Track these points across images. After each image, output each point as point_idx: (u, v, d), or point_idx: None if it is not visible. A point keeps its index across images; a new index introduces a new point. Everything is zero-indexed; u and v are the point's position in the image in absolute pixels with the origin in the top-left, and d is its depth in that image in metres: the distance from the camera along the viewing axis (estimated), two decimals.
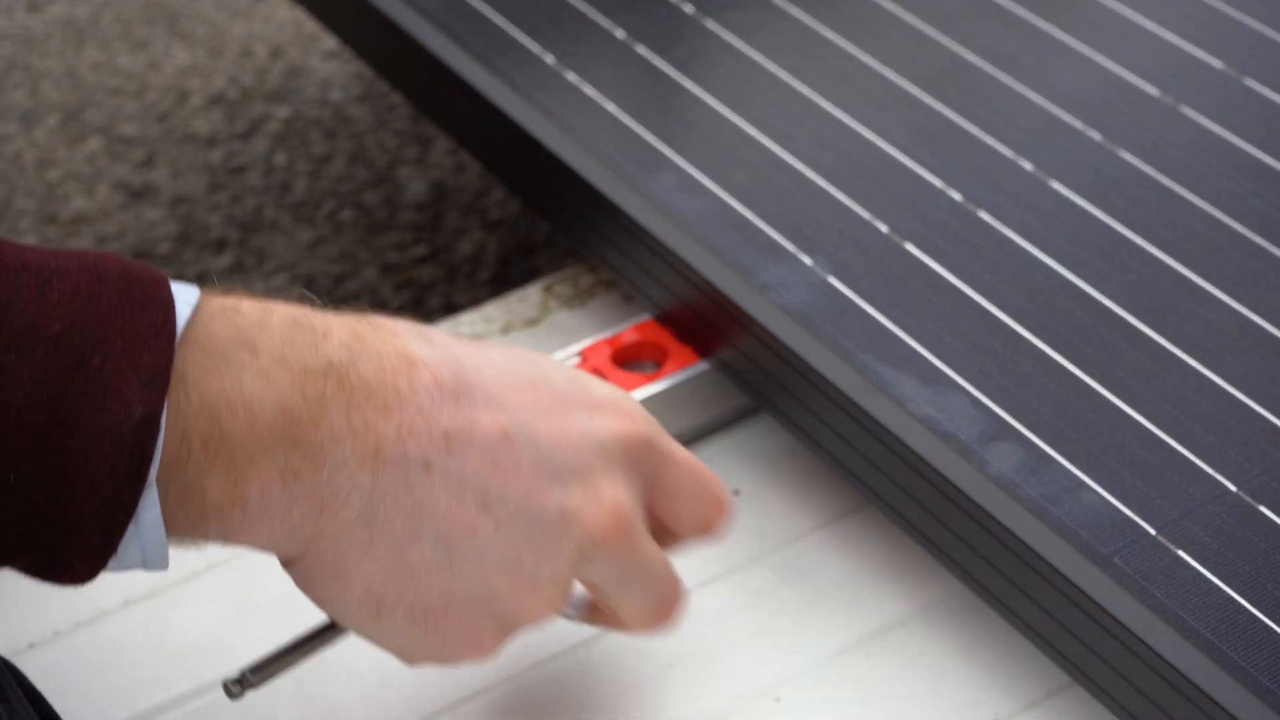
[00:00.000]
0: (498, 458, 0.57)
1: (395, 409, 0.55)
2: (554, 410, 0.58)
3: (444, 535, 0.56)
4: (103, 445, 0.49)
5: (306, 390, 0.53)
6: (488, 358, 0.58)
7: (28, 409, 0.48)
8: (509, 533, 0.57)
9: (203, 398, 0.52)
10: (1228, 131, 0.86)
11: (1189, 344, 0.74)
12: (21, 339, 0.49)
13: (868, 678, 0.71)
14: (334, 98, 1.50)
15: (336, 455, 0.54)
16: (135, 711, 0.70)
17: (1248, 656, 0.62)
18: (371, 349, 0.55)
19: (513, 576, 0.58)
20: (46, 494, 0.49)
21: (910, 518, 0.71)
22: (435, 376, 0.56)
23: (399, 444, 0.55)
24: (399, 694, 0.71)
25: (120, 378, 0.50)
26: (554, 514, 0.58)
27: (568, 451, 0.58)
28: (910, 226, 0.80)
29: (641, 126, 0.86)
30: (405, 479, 0.55)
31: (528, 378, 0.59)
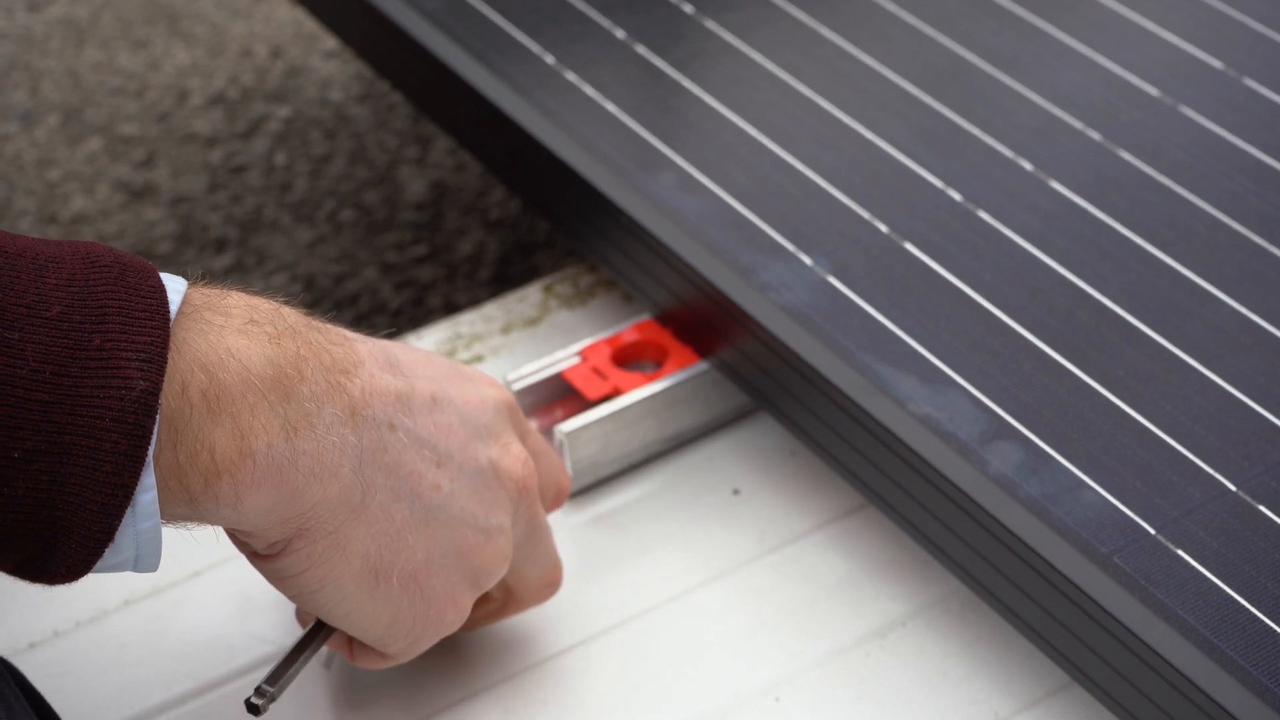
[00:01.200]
0: (436, 418, 0.62)
1: (354, 373, 0.59)
2: (455, 379, 0.64)
3: (417, 493, 0.60)
4: (104, 422, 0.50)
5: (283, 346, 0.56)
6: (407, 349, 0.64)
7: (32, 386, 0.49)
8: (461, 487, 0.62)
9: (193, 353, 0.53)
10: (1228, 131, 0.86)
11: (1189, 344, 0.74)
12: (24, 319, 0.50)
13: (868, 677, 0.71)
14: (334, 98, 1.50)
15: (324, 414, 0.56)
16: (135, 711, 0.70)
17: (1247, 656, 0.62)
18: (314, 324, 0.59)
19: (473, 530, 0.62)
20: (49, 473, 0.50)
21: (910, 518, 0.71)
22: (370, 351, 0.61)
23: (366, 405, 0.59)
24: (399, 694, 0.71)
25: (120, 357, 0.51)
26: (486, 467, 0.63)
27: (478, 411, 0.64)
28: (910, 226, 0.80)
29: (641, 126, 0.86)
30: (380, 439, 0.59)
31: (424, 355, 0.64)
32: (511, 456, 0.65)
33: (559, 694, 0.71)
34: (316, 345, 0.58)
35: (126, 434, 0.50)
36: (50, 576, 0.53)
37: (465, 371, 0.66)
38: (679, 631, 0.73)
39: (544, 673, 0.71)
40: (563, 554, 0.76)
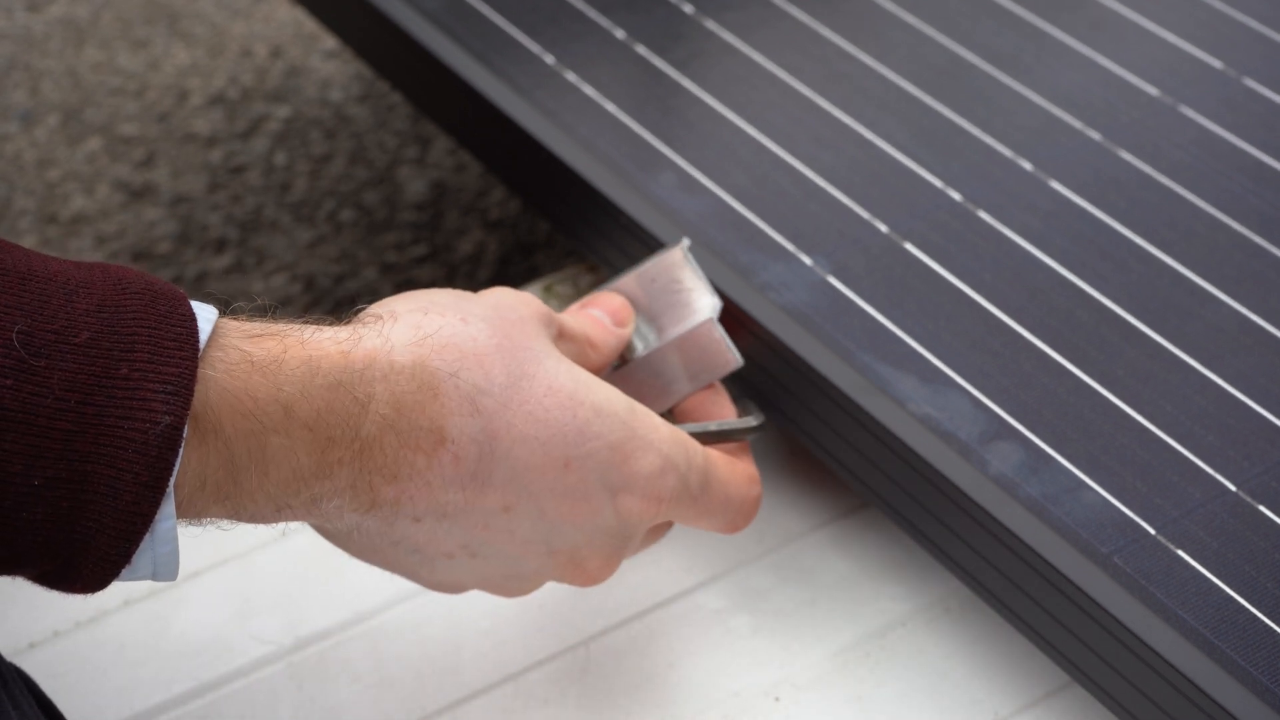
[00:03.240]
0: (492, 524, 0.60)
1: (404, 480, 0.57)
2: (574, 493, 0.61)
3: (420, 553, 0.61)
4: (127, 453, 0.50)
5: (325, 456, 0.55)
6: (528, 434, 0.59)
7: (56, 415, 0.49)
8: (485, 562, 0.62)
9: (231, 456, 0.53)
10: (1228, 131, 0.86)
11: (1189, 344, 0.74)
12: (51, 346, 0.50)
13: (868, 677, 0.71)
14: (334, 98, 1.50)
15: (331, 504, 0.57)
16: (135, 711, 0.70)
17: (1247, 656, 0.62)
18: (407, 422, 0.57)
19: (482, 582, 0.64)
20: (70, 500, 0.50)
21: (910, 518, 0.71)
22: (457, 456, 0.58)
23: (394, 505, 0.58)
24: (399, 694, 0.71)
25: (146, 387, 0.50)
26: (532, 564, 0.63)
27: (567, 530, 0.62)
28: (910, 226, 0.80)
29: (641, 126, 0.86)
30: (391, 524, 0.59)
31: (562, 457, 0.60)
32: (577, 573, 0.64)
33: (559, 694, 0.71)
34: (375, 453, 0.56)
35: (149, 466, 0.50)
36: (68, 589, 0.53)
37: (611, 480, 0.62)
38: (679, 632, 0.73)
39: (544, 673, 0.71)
40: None
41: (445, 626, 0.73)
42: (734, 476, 0.67)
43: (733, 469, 0.68)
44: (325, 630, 0.73)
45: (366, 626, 0.73)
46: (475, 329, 0.59)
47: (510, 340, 0.60)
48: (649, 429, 0.63)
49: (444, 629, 0.73)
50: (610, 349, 0.70)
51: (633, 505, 0.63)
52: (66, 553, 0.51)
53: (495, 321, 0.61)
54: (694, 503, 0.65)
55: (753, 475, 0.69)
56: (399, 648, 0.73)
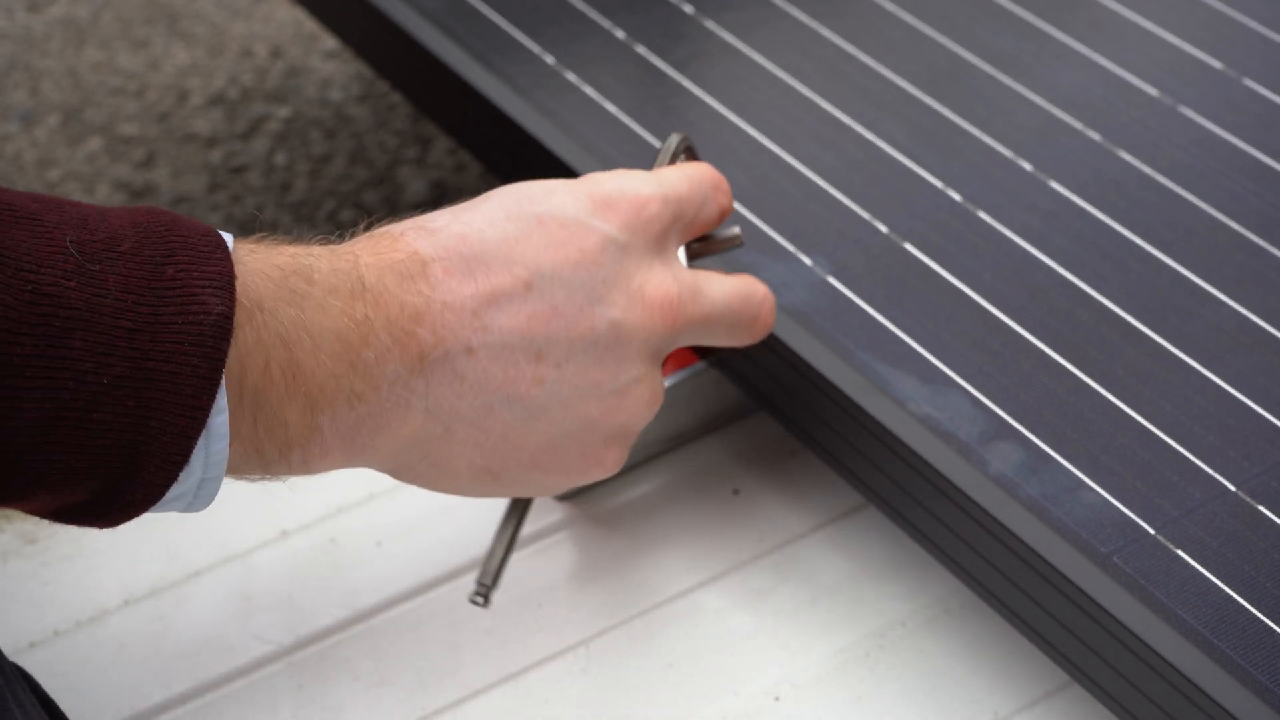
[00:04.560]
0: (531, 308, 0.61)
1: (424, 312, 0.59)
2: (566, 238, 0.62)
3: (514, 397, 0.61)
4: (184, 347, 0.52)
5: (354, 313, 0.57)
6: (488, 216, 0.61)
7: (118, 314, 0.51)
8: (574, 367, 0.62)
9: (279, 327, 0.55)
10: (1227, 131, 0.86)
11: (1189, 344, 0.74)
12: (101, 254, 0.52)
13: (868, 677, 0.71)
14: (334, 98, 1.50)
15: (389, 372, 0.58)
16: (135, 711, 0.70)
17: (1247, 655, 0.62)
18: (389, 261, 0.59)
19: (600, 399, 0.63)
20: (135, 399, 0.51)
21: (910, 518, 0.71)
22: (445, 266, 0.60)
23: (438, 344, 0.59)
24: (399, 694, 0.71)
25: (194, 284, 0.53)
26: (607, 331, 0.62)
27: (593, 271, 0.62)
28: (910, 226, 0.80)
29: (641, 126, 0.86)
30: (454, 370, 0.60)
31: (531, 218, 0.62)
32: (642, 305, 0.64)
33: (559, 694, 0.71)
34: (387, 297, 0.58)
35: (205, 357, 0.52)
36: (120, 509, 0.54)
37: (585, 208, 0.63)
38: (679, 631, 0.73)
39: (544, 673, 0.71)
40: (563, 554, 0.76)
41: (445, 626, 0.73)
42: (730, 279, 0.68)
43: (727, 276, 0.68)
44: (325, 630, 0.73)
45: (366, 626, 0.73)
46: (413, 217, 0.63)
47: None
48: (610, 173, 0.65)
49: (444, 629, 0.73)
50: None
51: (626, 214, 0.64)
52: (131, 454, 0.52)
53: None
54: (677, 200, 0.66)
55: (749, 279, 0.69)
56: (399, 648, 0.73)
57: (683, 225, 0.67)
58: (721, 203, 0.69)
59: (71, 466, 0.51)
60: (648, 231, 0.64)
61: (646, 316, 0.64)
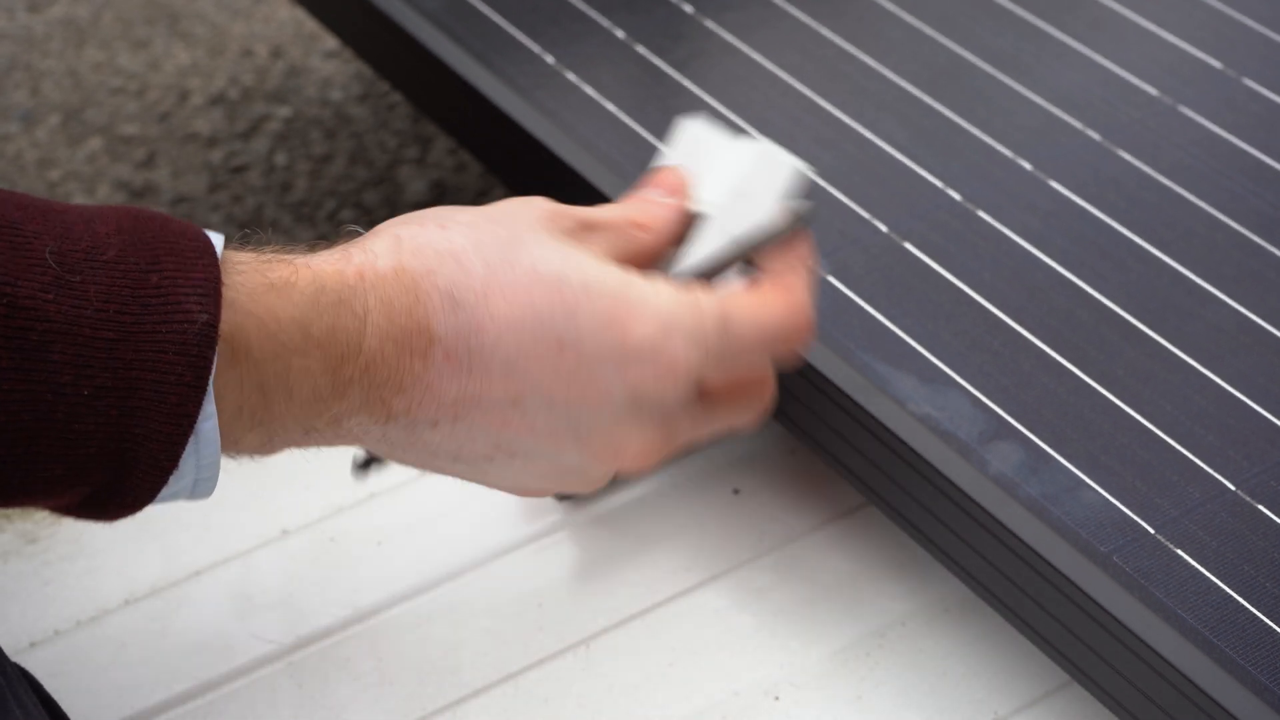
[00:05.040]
0: (507, 417, 0.59)
1: (408, 388, 0.58)
2: (577, 374, 0.59)
3: (461, 459, 0.60)
4: (168, 355, 0.52)
5: (339, 374, 0.56)
6: (513, 320, 0.58)
7: (99, 325, 0.51)
8: (528, 461, 0.61)
9: (260, 377, 0.55)
10: (1227, 131, 0.86)
11: (1189, 344, 0.74)
12: (83, 264, 0.51)
13: (868, 677, 0.71)
14: (334, 98, 1.50)
15: (351, 420, 0.58)
16: (135, 711, 0.70)
17: (1246, 655, 0.62)
18: (398, 328, 0.57)
19: (542, 481, 0.62)
20: (118, 408, 0.51)
21: (910, 518, 0.71)
22: (448, 353, 0.58)
23: (407, 415, 0.58)
24: (399, 694, 0.71)
25: (178, 292, 0.52)
26: (573, 458, 0.61)
27: (585, 414, 0.60)
28: (910, 226, 0.80)
29: (641, 126, 0.86)
30: (413, 432, 0.59)
31: (553, 341, 0.59)
32: (615, 458, 0.62)
33: (559, 694, 0.71)
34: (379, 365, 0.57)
35: (190, 365, 0.52)
36: (115, 509, 0.54)
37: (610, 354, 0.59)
38: (679, 631, 0.73)
39: (544, 673, 0.71)
40: (563, 554, 0.76)
41: (445, 626, 0.73)
42: (763, 304, 0.63)
43: (761, 298, 0.63)
44: (325, 630, 0.73)
45: (366, 626, 0.73)
46: (452, 232, 0.59)
47: (491, 235, 0.59)
48: (645, 296, 0.60)
49: (444, 629, 0.73)
50: (665, 221, 0.64)
51: (644, 377, 0.60)
52: (118, 462, 0.52)
53: (477, 223, 0.60)
54: (721, 356, 0.61)
55: (789, 296, 0.63)
56: (399, 648, 0.73)
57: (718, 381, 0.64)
58: (785, 358, 0.65)
59: (56, 475, 0.51)
60: (659, 397, 0.61)
61: (614, 463, 0.62)
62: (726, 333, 0.61)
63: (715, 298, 0.62)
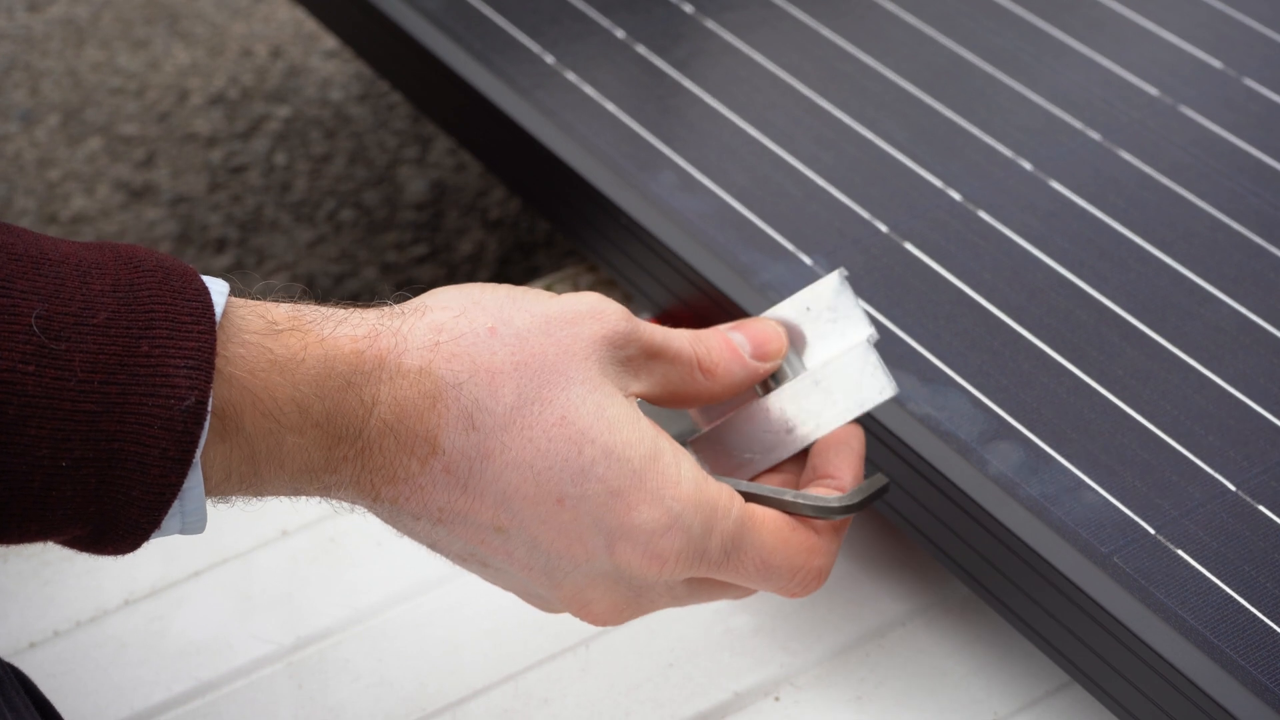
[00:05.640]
0: (488, 540, 0.58)
1: (399, 482, 0.56)
2: (566, 531, 0.58)
3: (435, 546, 0.60)
4: (153, 430, 0.51)
5: (333, 453, 0.55)
6: (522, 462, 0.57)
7: (80, 398, 0.50)
8: (500, 576, 0.60)
9: (251, 450, 0.54)
10: (1228, 131, 0.86)
11: (1189, 344, 0.74)
12: (70, 328, 0.50)
13: (868, 677, 0.71)
14: (334, 97, 1.50)
15: (340, 493, 0.57)
16: (135, 711, 0.70)
17: (1246, 655, 0.62)
18: (405, 428, 0.56)
19: (509, 589, 0.61)
20: (98, 478, 0.50)
21: (910, 517, 0.71)
22: (448, 468, 0.56)
23: (393, 503, 0.57)
24: (399, 694, 0.71)
25: (169, 363, 0.51)
26: (544, 591, 0.60)
27: (565, 564, 0.58)
28: (910, 226, 0.80)
29: (641, 126, 0.86)
30: (396, 518, 0.58)
31: (555, 495, 0.57)
32: (582, 611, 0.60)
33: (559, 694, 0.71)
34: (376, 454, 0.56)
35: (175, 441, 0.51)
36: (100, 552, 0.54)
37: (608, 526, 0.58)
38: (679, 631, 0.73)
39: (544, 673, 0.71)
40: None
41: (445, 626, 0.73)
42: (783, 544, 0.60)
43: (785, 537, 0.60)
44: (325, 630, 0.73)
45: (366, 626, 0.73)
46: (500, 342, 0.57)
47: (537, 359, 0.57)
48: (663, 482, 0.57)
49: (444, 629, 0.73)
50: (735, 379, 0.62)
51: (631, 558, 0.58)
52: (97, 523, 0.52)
53: (531, 336, 0.57)
54: (718, 568, 0.59)
55: (813, 546, 0.61)
56: (399, 648, 0.73)
57: None
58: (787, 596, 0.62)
59: (31, 532, 0.51)
60: (640, 581, 0.59)
61: (579, 612, 0.61)
62: (732, 552, 0.59)
63: (737, 510, 0.59)
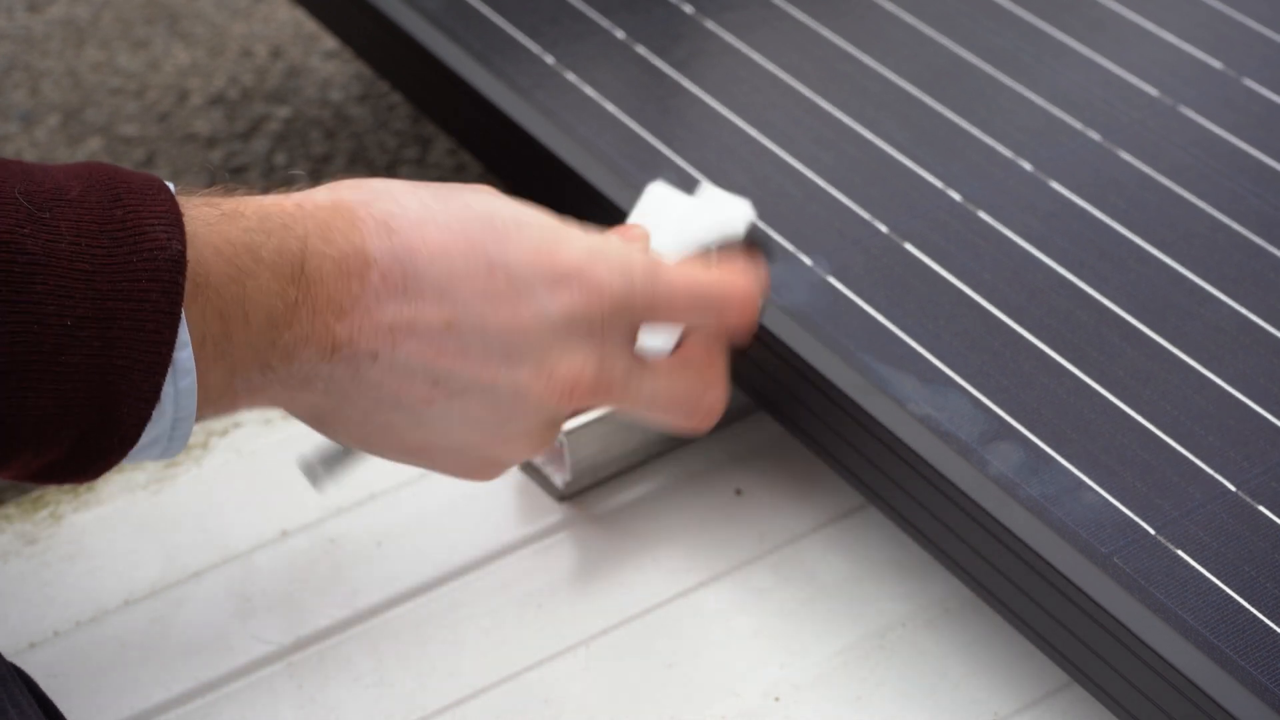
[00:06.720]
0: (442, 344, 0.62)
1: (348, 311, 0.60)
2: (506, 296, 0.62)
3: (403, 405, 0.62)
4: (142, 284, 0.53)
5: (285, 296, 0.58)
6: (445, 245, 0.61)
7: (74, 258, 0.52)
8: (465, 401, 0.63)
9: (220, 303, 0.56)
10: (1227, 131, 0.86)
11: (1189, 344, 0.74)
12: (50, 202, 0.53)
13: (868, 678, 0.71)
14: (334, 98, 1.50)
15: (302, 354, 0.60)
16: (135, 711, 0.70)
17: (1246, 655, 0.62)
18: (335, 249, 0.60)
19: (483, 432, 0.64)
20: (100, 339, 0.52)
21: (910, 518, 0.71)
22: (384, 274, 0.60)
23: (350, 344, 0.60)
24: (399, 694, 0.71)
25: (145, 223, 0.54)
26: (506, 388, 0.63)
27: (516, 336, 0.62)
28: (910, 226, 0.80)
29: (641, 126, 0.86)
30: (356, 369, 0.61)
31: (484, 263, 0.62)
32: (548, 381, 0.63)
33: (559, 694, 0.71)
34: (319, 286, 0.59)
35: (164, 292, 0.53)
36: (99, 456, 0.55)
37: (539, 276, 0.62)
38: (679, 631, 0.73)
39: (544, 673, 0.71)
40: (563, 554, 0.76)
41: (445, 626, 0.73)
42: (701, 270, 0.66)
43: (700, 266, 0.67)
44: (325, 630, 0.73)
45: (366, 626, 0.73)
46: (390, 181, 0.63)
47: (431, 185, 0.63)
48: (575, 232, 0.64)
49: (444, 629, 0.73)
50: None
51: (574, 298, 0.63)
52: (104, 395, 0.53)
53: (418, 182, 0.64)
54: (650, 296, 0.64)
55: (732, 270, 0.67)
56: (399, 648, 0.73)
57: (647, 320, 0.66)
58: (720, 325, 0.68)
59: (48, 412, 0.52)
60: (588, 319, 0.63)
61: (548, 392, 0.64)
62: (655, 276, 0.64)
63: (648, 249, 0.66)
